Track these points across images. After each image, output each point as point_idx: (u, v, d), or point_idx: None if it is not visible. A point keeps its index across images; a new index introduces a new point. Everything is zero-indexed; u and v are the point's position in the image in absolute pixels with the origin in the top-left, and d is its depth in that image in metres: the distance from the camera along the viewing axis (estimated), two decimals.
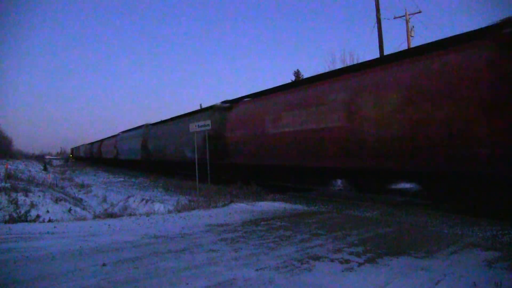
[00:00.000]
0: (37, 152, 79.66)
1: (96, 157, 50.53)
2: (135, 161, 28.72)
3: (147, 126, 25.64)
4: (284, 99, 11.57)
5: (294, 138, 10.54)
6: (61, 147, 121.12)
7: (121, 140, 33.57)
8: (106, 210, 10.38)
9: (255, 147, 12.43)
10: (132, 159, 29.84)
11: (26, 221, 7.07)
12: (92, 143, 58.45)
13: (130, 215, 7.77)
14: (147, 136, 24.62)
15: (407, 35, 18.60)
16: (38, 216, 7.61)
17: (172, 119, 22.13)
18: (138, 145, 26.27)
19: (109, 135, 46.30)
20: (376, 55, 17.06)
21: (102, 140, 46.97)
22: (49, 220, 7.15)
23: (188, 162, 16.48)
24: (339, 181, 12.92)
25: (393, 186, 10.78)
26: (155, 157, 23.60)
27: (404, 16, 18.89)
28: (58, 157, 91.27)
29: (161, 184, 17.02)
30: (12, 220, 6.94)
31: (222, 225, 6.29)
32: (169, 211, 8.16)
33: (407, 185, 10.88)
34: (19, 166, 28.92)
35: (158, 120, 25.69)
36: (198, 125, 11.95)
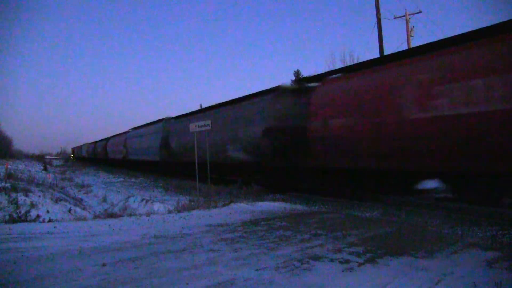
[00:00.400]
0: (37, 152, 78.99)
1: (100, 158, 44.88)
2: (152, 162, 24.16)
3: (167, 120, 21.92)
4: (441, 63, 7.15)
5: (460, 126, 6.55)
6: (61, 147, 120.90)
7: (132, 138, 28.63)
8: (106, 210, 10.38)
9: (371, 142, 8.29)
10: (147, 160, 25.13)
11: (26, 221, 7.07)
12: (96, 142, 51.78)
13: (130, 215, 7.77)
14: (168, 133, 20.73)
15: (407, 35, 18.60)
16: (38, 216, 7.61)
17: (207, 108, 17.33)
18: (155, 144, 22.20)
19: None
20: (376, 55, 17.07)
21: (107, 139, 41.17)
22: (49, 220, 7.15)
23: (235, 164, 12.61)
24: None
25: None
26: (180, 158, 18.98)
27: (404, 16, 18.89)
28: (58, 157, 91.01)
29: (161, 184, 17.02)
30: (12, 220, 6.94)
31: (222, 225, 6.30)
32: (169, 211, 8.16)
33: None
34: (19, 166, 28.92)
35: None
36: (198, 125, 11.78)
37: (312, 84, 10.35)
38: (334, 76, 10.25)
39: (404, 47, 18.82)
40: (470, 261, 4.05)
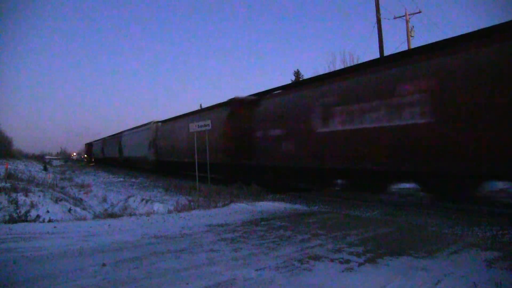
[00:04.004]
0: (37, 152, 78.70)
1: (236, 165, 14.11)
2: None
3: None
4: None
5: None
6: (61, 147, 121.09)
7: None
8: (106, 210, 10.39)
9: None
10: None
11: (26, 221, 7.06)
12: (168, 121, 23.16)
13: (130, 215, 7.77)
14: None
15: (407, 35, 18.59)
16: (38, 216, 7.59)
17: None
18: None
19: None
20: (376, 55, 17.08)
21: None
22: (49, 220, 7.14)
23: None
24: None
25: None
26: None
27: (404, 16, 18.89)
28: (58, 157, 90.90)
29: (161, 184, 17.01)
30: (12, 220, 6.93)
31: (222, 225, 6.30)
32: (169, 211, 8.16)
33: None
34: (19, 166, 28.90)
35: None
36: (198, 125, 11.70)
37: None
38: None
39: (404, 47, 18.84)
40: (470, 261, 4.05)
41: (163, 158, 22.22)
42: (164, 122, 23.13)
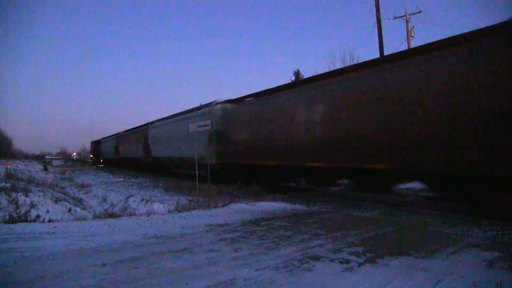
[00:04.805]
0: (37, 152, 78.79)
1: None
2: None
3: None
4: None
5: None
6: (61, 147, 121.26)
7: None
8: (106, 210, 10.38)
9: None
10: None
11: (26, 221, 7.06)
12: (248, 97, 13.44)
13: (130, 215, 7.77)
14: None
15: (407, 35, 18.58)
16: (38, 216, 7.59)
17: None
18: None
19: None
20: (376, 55, 17.07)
21: None
22: (49, 220, 7.14)
23: None
24: None
25: None
26: None
27: (404, 16, 18.88)
28: (58, 157, 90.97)
29: (161, 184, 17.00)
30: (12, 220, 6.93)
31: (222, 225, 6.30)
32: (169, 211, 8.16)
33: None
34: (19, 166, 28.91)
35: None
36: (198, 125, 11.66)
37: None
38: None
39: (404, 47, 18.81)
40: (470, 261, 4.05)
41: (240, 160, 13.72)
42: (238, 101, 14.20)
